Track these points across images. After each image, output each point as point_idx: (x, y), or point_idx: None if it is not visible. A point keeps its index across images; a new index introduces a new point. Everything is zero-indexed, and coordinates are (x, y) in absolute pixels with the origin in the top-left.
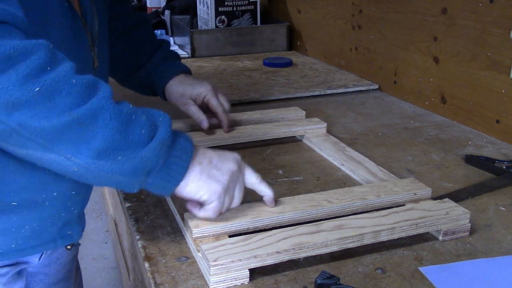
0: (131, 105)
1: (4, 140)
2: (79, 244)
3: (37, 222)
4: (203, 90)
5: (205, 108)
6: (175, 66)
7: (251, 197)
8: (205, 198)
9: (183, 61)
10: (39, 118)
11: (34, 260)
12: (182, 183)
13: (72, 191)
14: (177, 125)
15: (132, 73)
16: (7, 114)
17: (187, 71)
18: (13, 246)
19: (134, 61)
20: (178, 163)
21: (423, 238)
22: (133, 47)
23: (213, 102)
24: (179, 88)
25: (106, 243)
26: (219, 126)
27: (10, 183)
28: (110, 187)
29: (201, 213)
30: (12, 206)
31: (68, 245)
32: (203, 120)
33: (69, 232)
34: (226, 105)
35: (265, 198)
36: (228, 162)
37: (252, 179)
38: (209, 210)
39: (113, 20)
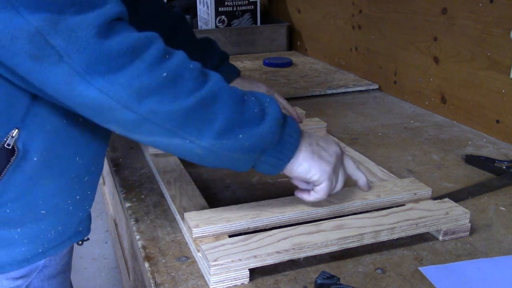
0: (239, 87)
1: (134, 130)
2: (87, 239)
3: (61, 226)
4: (264, 90)
5: None
6: (233, 70)
7: (251, 197)
8: (316, 178)
9: None
10: (168, 102)
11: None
12: (294, 162)
13: (88, 191)
14: None
15: None
16: (138, 102)
17: (240, 73)
18: (40, 250)
19: None
20: (290, 141)
21: (423, 238)
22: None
23: (279, 99)
24: (243, 87)
25: (106, 243)
26: None
27: (40, 191)
28: (224, 167)
29: (311, 197)
30: (41, 214)
31: (80, 241)
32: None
33: (81, 228)
34: (285, 103)
35: (360, 183)
36: (333, 145)
37: (352, 165)
38: (321, 191)
39: (149, 21)
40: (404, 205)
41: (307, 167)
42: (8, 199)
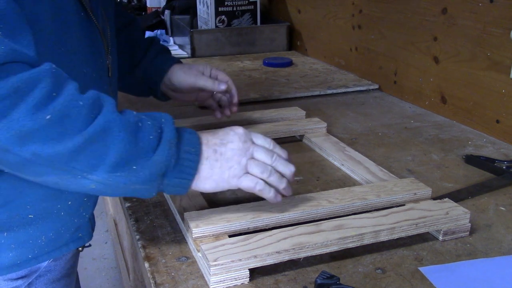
0: (134, 112)
1: (19, 171)
2: (89, 245)
3: (53, 231)
4: (207, 66)
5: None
6: (169, 58)
7: (251, 197)
8: (234, 183)
9: (183, 61)
10: (53, 144)
11: (44, 263)
12: (198, 179)
13: (84, 198)
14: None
15: (128, 73)
16: (20, 146)
17: (178, 61)
18: (30, 256)
19: (129, 60)
20: (189, 158)
21: (423, 238)
22: (127, 47)
23: (222, 74)
24: (183, 70)
25: (106, 243)
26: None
27: (27, 196)
28: (129, 196)
29: (268, 194)
30: (29, 218)
31: (80, 247)
32: (220, 84)
33: (80, 234)
34: (224, 77)
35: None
36: (230, 135)
37: (259, 136)
38: (268, 198)
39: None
40: (404, 205)
41: (214, 184)
42: None
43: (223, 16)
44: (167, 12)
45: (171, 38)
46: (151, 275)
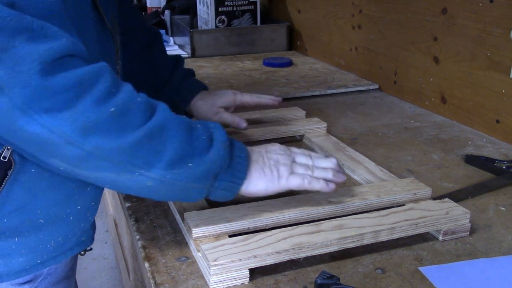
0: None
1: (77, 166)
2: (91, 249)
3: (61, 236)
4: (230, 95)
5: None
6: (195, 84)
7: (251, 198)
8: (284, 184)
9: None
10: (115, 137)
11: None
12: (248, 183)
13: (92, 202)
14: None
15: (153, 94)
16: (84, 137)
17: (206, 88)
18: (38, 261)
19: (154, 82)
20: (240, 162)
21: (423, 238)
22: (151, 68)
23: (247, 98)
24: (207, 101)
25: (106, 243)
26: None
27: (39, 200)
28: (177, 200)
29: (318, 186)
30: (39, 223)
31: (83, 251)
32: (240, 120)
33: (83, 238)
34: (251, 98)
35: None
36: (273, 150)
37: (296, 149)
38: (320, 188)
39: (127, 34)
40: (404, 205)
41: (264, 186)
42: (7, 211)
43: (223, 16)
44: (167, 12)
45: (171, 38)
46: (151, 275)
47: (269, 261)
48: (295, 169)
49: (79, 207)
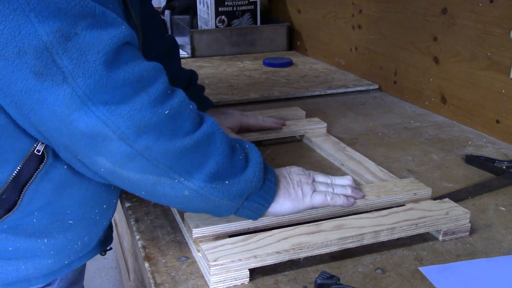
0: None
1: (122, 166)
2: (110, 248)
3: (88, 236)
4: (238, 117)
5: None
6: (205, 101)
7: None
8: (308, 203)
9: (183, 61)
10: (165, 140)
11: None
12: (274, 206)
13: (114, 199)
14: None
15: None
16: (136, 135)
17: (213, 106)
18: (66, 262)
19: None
20: (270, 186)
21: (423, 238)
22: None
23: (253, 120)
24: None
25: None
26: None
27: (67, 199)
28: (207, 213)
29: (339, 202)
30: (68, 224)
31: (103, 251)
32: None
33: (104, 237)
34: (261, 117)
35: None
36: (294, 171)
37: (315, 173)
38: (342, 204)
39: (147, 38)
40: (404, 205)
41: (291, 205)
42: (35, 208)
43: (223, 16)
44: (167, 12)
45: None
46: (151, 275)
47: (269, 261)
48: (317, 187)
49: (105, 206)
